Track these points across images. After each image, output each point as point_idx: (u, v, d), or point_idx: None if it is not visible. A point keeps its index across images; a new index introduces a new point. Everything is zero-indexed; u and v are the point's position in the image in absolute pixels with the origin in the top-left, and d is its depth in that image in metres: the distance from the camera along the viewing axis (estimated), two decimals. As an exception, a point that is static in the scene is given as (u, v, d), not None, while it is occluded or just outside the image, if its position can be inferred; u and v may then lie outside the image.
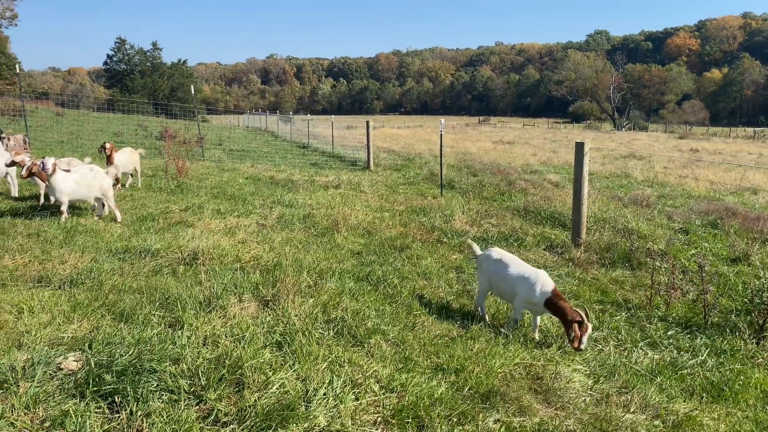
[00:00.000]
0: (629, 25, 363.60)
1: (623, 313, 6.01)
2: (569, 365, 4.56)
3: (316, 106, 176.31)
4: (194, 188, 11.83)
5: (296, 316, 4.85)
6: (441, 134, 13.39)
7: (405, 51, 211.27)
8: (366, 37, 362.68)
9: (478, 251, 5.96)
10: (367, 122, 18.60)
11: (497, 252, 5.66)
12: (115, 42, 79.73)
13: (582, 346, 4.76)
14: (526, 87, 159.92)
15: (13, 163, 8.54)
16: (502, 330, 5.25)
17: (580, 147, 8.23)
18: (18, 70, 26.05)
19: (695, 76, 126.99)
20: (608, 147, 31.74)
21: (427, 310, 5.60)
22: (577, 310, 4.86)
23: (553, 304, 4.95)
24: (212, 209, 9.63)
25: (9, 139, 11.65)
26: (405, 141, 34.36)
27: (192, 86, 25.87)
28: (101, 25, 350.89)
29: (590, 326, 4.82)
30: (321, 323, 4.81)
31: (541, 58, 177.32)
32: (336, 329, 4.71)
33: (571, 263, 7.68)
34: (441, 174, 13.45)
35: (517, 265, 5.41)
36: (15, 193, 10.03)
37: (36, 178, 8.44)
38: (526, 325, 5.54)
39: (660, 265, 7.21)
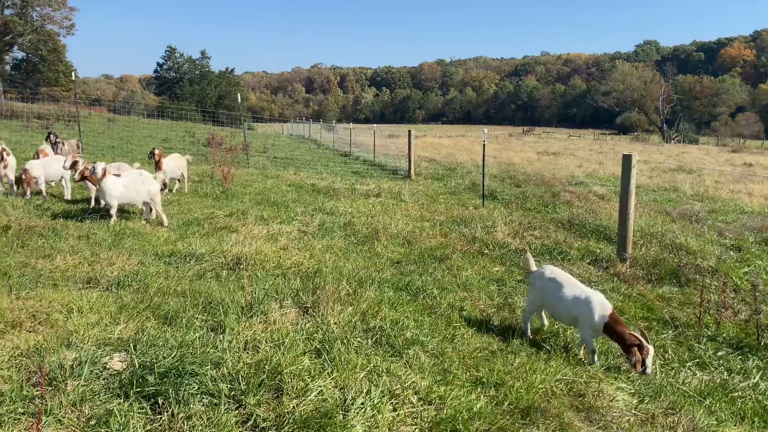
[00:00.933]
0: (680, 35, 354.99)
1: (670, 332, 5.82)
2: (613, 383, 4.44)
3: (358, 114, 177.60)
4: (239, 194, 12.03)
5: (335, 323, 4.86)
6: (484, 144, 13.29)
7: (449, 60, 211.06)
8: (410, 46, 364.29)
9: (533, 267, 5.74)
10: (409, 131, 18.61)
11: (551, 270, 5.46)
12: (166, 50, 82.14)
13: (648, 370, 4.56)
14: (572, 97, 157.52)
15: (73, 165, 8.85)
16: (580, 354, 5.10)
17: (627, 160, 8.04)
18: (74, 78, 27.04)
19: (750, 88, 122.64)
20: (656, 160, 30.97)
21: (467, 322, 5.54)
22: (634, 333, 4.66)
23: (611, 329, 4.74)
24: (255, 215, 9.77)
25: (64, 144, 12.10)
26: (447, 150, 34.25)
27: (239, 94, 26.40)
28: (153, 34, 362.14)
29: (651, 348, 4.61)
30: (360, 332, 4.80)
31: (587, 69, 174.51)
32: (374, 338, 4.70)
33: (616, 278, 7.50)
34: (483, 184, 13.33)
35: (572, 285, 5.21)
36: (68, 195, 10.40)
37: (87, 181, 8.73)
38: (567, 339, 5.43)
39: (710, 282, 6.97)
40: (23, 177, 9.66)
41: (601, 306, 4.85)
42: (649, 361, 4.56)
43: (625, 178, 8.08)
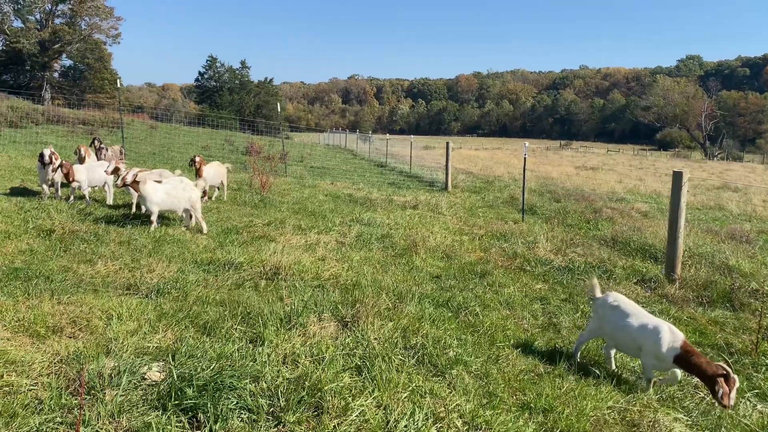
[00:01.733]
0: (724, 50, 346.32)
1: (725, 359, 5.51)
2: (669, 413, 4.19)
3: (394, 125, 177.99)
4: (277, 203, 12.04)
5: (376, 339, 4.73)
6: (524, 158, 13.06)
7: (486, 73, 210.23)
8: (446, 58, 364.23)
9: (599, 293, 5.36)
10: (447, 144, 18.47)
11: (615, 297, 5.11)
12: (207, 60, 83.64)
13: (732, 402, 4.23)
14: (610, 112, 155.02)
15: (115, 171, 8.95)
16: (641, 383, 4.86)
17: (678, 177, 7.74)
18: (119, 85, 27.70)
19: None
20: (699, 177, 30.12)
21: (512, 342, 5.34)
22: (718, 363, 4.31)
23: (685, 360, 4.39)
24: (293, 224, 9.73)
25: (107, 150, 12.30)
26: (483, 163, 33.98)
27: (278, 104, 26.66)
28: (195, 44, 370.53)
29: (737, 378, 4.28)
30: (401, 349, 4.66)
31: (627, 83, 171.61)
32: (416, 356, 4.54)
33: (665, 300, 7.19)
34: (523, 198, 13.08)
35: (638, 314, 4.85)
36: (110, 200, 10.54)
37: (130, 187, 8.81)
38: (619, 365, 5.18)
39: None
40: (64, 165, 9.71)
41: (672, 336, 4.50)
42: (734, 393, 4.22)
43: (675, 196, 7.78)
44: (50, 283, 5.67)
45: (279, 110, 24.66)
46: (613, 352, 5.18)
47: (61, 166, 9.79)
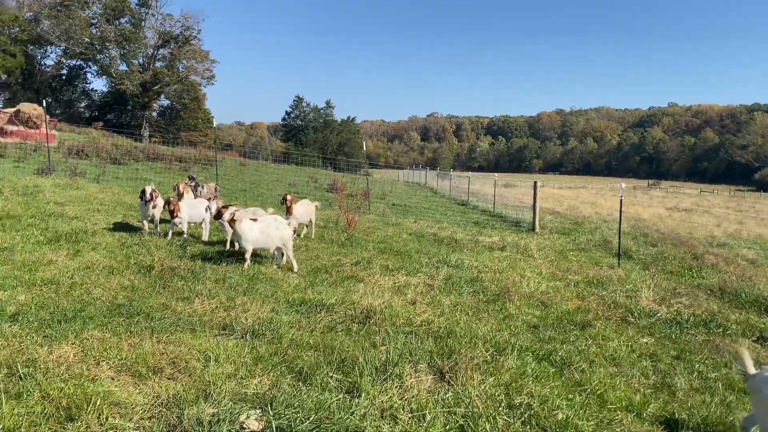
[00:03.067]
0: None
1: None
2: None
3: (473, 163, 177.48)
4: (362, 242, 12.01)
5: (477, 396, 4.46)
6: (621, 200, 12.47)
7: (569, 110, 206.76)
8: (528, 96, 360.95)
9: (752, 368, 4.40)
10: (535, 183, 18.00)
11: None
12: (294, 100, 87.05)
13: None
14: (702, 150, 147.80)
15: (218, 215, 9.12)
16: None
17: (804, 225, 7.05)
18: (213, 124, 29.01)
19: None
20: (810, 221, 27.82)
21: (623, 404, 4.90)
22: None
23: None
24: (381, 265, 9.62)
25: (203, 187, 12.75)
26: (569, 202, 32.98)
27: (363, 143, 27.07)
28: (283, 84, 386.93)
29: None
30: (504, 408, 4.37)
31: (721, 121, 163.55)
32: (522, 418, 4.24)
33: (792, 362, 6.47)
34: (619, 242, 12.44)
35: None
36: (206, 237, 10.85)
37: (226, 224, 9.02)
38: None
39: None
40: (171, 202, 10.12)
41: None
42: None
43: (801, 246, 7.07)
44: (150, 320, 5.78)
45: (363, 149, 25.00)
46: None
47: (168, 202, 10.19)
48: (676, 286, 9.80)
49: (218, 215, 8.81)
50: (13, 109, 31.98)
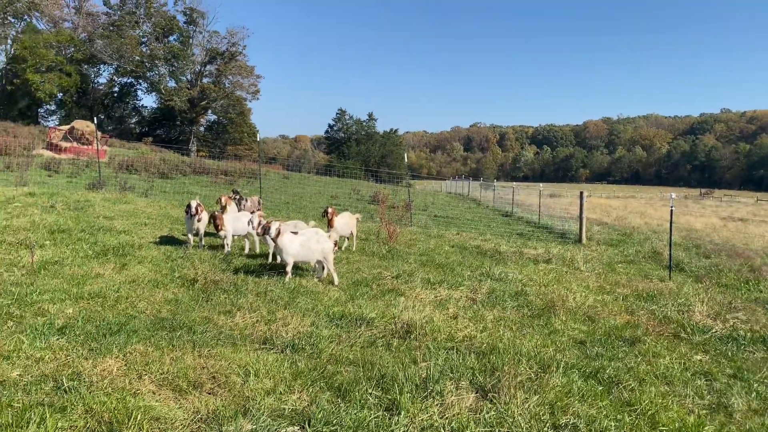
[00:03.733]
0: None
1: None
2: None
3: (517, 173, 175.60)
4: (403, 254, 11.93)
5: (521, 416, 4.31)
6: (671, 210, 12.05)
7: (616, 118, 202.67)
8: (573, 104, 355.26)
9: None
10: (581, 193, 17.58)
11: None
12: (337, 113, 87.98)
13: None
14: (758, 158, 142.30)
15: (265, 231, 9.16)
16: None
17: None
18: (258, 138, 29.46)
19: None
20: None
21: (676, 426, 4.65)
22: None
23: None
24: (422, 278, 9.51)
25: (246, 200, 12.91)
26: (617, 213, 32.15)
27: (405, 155, 27.07)
28: (326, 97, 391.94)
29: None
30: (549, 428, 4.20)
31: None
32: (568, 439, 4.06)
33: None
34: (670, 254, 12.00)
35: None
36: (248, 249, 10.97)
37: (267, 237, 9.08)
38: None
39: None
40: (216, 216, 10.30)
41: None
42: None
43: None
44: (192, 334, 5.83)
45: (405, 160, 24.98)
46: None
47: (213, 217, 10.35)
48: (732, 300, 9.37)
49: (265, 230, 8.85)
50: (68, 126, 33.31)
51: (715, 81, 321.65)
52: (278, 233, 8.63)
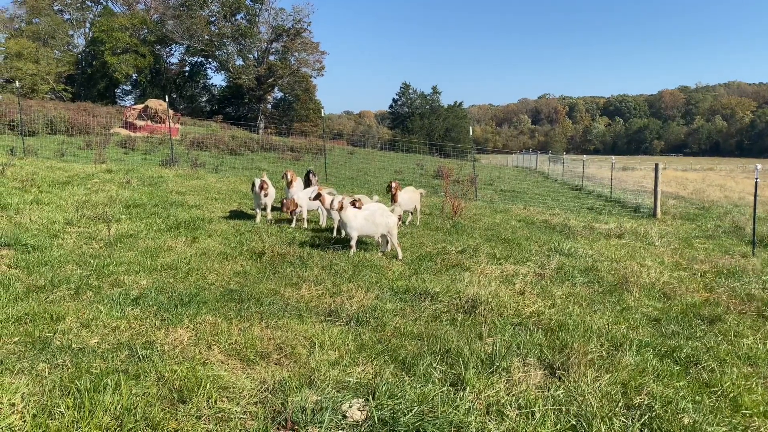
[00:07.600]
0: None
1: None
2: None
3: (587, 145, 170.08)
4: (468, 229, 11.77)
5: (591, 394, 4.16)
6: (756, 181, 11.33)
7: (694, 87, 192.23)
8: (647, 72, 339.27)
9: None
10: (656, 165, 16.78)
11: None
12: (401, 87, 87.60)
13: None
14: None
15: (317, 197, 9.36)
16: None
17: None
18: (322, 114, 29.74)
19: None
20: None
21: (761, 409, 4.38)
22: None
23: None
24: (487, 253, 9.35)
25: (315, 176, 13.04)
26: (694, 186, 30.59)
27: (470, 128, 26.63)
28: (390, 72, 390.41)
29: None
30: (621, 408, 4.04)
31: None
32: (642, 420, 3.89)
33: None
34: (753, 228, 11.31)
35: None
36: (323, 222, 11.17)
37: (333, 211, 9.15)
38: None
39: None
40: (284, 202, 10.53)
41: None
42: None
43: None
44: (260, 306, 5.94)
45: (470, 134, 24.57)
46: None
47: (283, 204, 10.58)
48: (824, 279, 8.73)
49: (318, 197, 9.04)
50: (142, 106, 34.62)
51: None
52: (340, 206, 8.68)
